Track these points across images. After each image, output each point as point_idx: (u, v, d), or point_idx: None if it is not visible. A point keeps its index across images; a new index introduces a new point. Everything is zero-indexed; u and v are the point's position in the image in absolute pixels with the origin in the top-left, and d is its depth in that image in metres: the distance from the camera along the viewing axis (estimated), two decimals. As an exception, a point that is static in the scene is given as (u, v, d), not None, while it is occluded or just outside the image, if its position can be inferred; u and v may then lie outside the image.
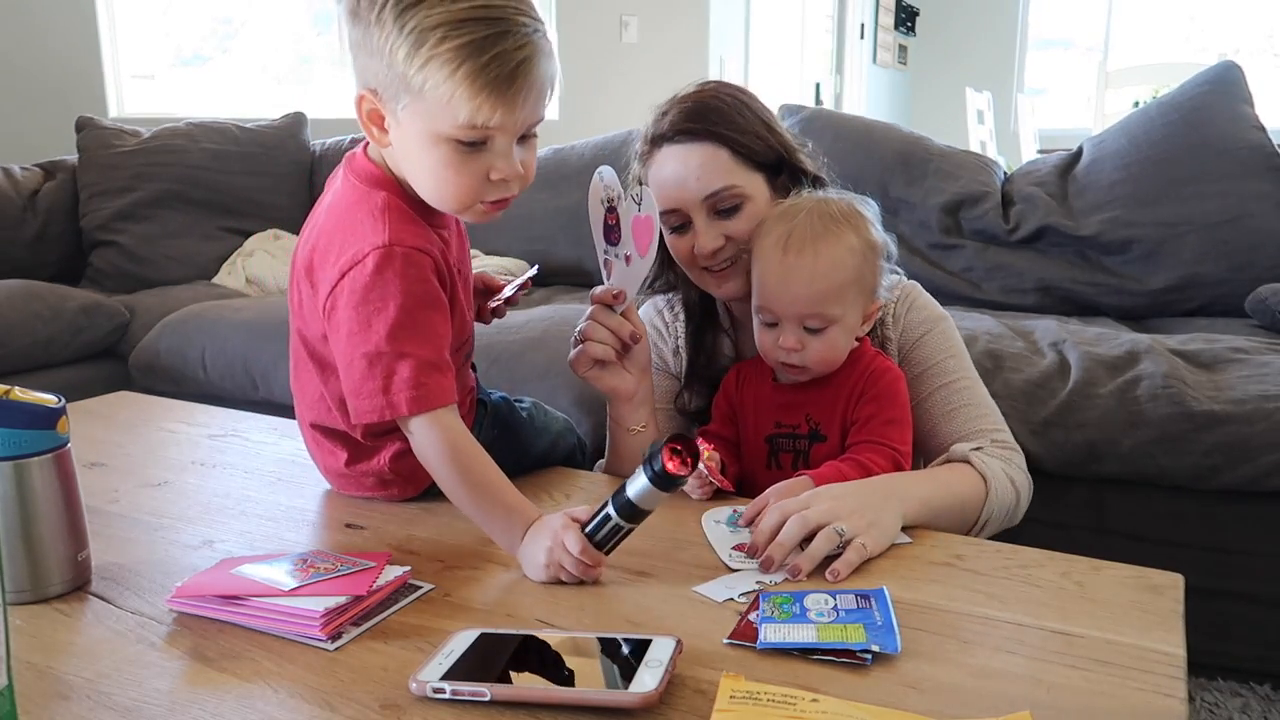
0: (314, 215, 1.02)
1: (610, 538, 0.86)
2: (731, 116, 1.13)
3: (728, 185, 1.11)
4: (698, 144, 1.12)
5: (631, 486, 0.85)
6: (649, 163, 1.16)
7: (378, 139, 0.93)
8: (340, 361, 0.94)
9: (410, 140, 0.90)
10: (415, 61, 0.84)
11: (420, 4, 0.83)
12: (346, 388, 0.93)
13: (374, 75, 0.88)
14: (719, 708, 0.64)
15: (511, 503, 0.90)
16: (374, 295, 0.90)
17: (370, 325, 0.90)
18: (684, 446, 0.84)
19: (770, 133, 1.15)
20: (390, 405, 0.90)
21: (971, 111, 5.03)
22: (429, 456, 0.92)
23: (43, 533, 0.82)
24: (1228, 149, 2.16)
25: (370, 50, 0.87)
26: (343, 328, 0.92)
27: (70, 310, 2.31)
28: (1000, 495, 1.07)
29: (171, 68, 4.21)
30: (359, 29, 0.87)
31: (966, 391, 1.16)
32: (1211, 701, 1.54)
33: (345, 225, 0.94)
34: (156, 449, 1.26)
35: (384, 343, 0.90)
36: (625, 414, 1.15)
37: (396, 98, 0.88)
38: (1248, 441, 1.50)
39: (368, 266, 0.90)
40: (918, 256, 2.33)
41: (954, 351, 1.18)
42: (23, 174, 2.85)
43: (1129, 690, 0.68)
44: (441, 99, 0.85)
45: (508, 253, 2.66)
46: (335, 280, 0.92)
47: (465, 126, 0.86)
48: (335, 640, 0.75)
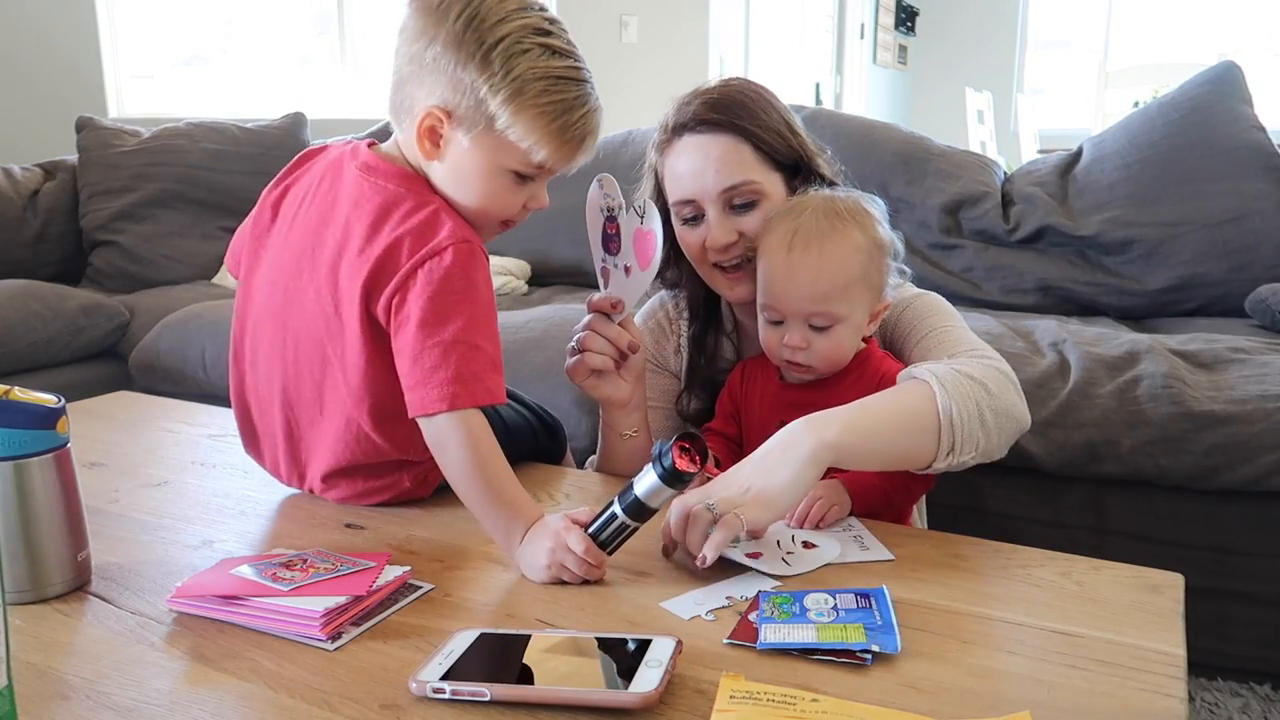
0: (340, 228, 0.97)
1: (615, 537, 0.87)
2: (756, 112, 1.13)
3: (746, 180, 1.11)
4: (720, 135, 1.11)
5: (639, 484, 0.85)
6: (667, 152, 1.15)
7: (428, 152, 0.94)
8: (408, 353, 0.91)
9: (470, 163, 0.94)
10: (510, 106, 0.90)
11: (525, 54, 0.90)
12: (412, 379, 0.91)
13: (450, 100, 0.91)
14: (719, 708, 0.64)
15: (519, 502, 0.90)
16: (456, 286, 0.91)
17: (448, 317, 0.90)
18: (692, 445, 0.85)
19: (792, 134, 1.15)
20: (465, 394, 0.89)
21: (971, 111, 5.03)
22: (450, 448, 0.91)
23: (43, 533, 0.82)
24: (1228, 149, 2.16)
25: (458, 79, 0.90)
26: (413, 319, 0.91)
27: (70, 310, 2.31)
28: (954, 391, 0.94)
29: (171, 68, 4.21)
30: (454, 55, 0.89)
31: (945, 333, 1.10)
32: (1211, 701, 1.54)
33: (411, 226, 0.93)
34: (156, 449, 1.26)
35: (461, 333, 0.90)
36: (619, 420, 1.15)
37: (472, 126, 0.91)
38: (1248, 441, 1.50)
39: (447, 259, 0.91)
40: (918, 256, 2.33)
41: (936, 309, 1.14)
42: (23, 174, 2.85)
43: (1129, 690, 0.68)
44: (523, 143, 0.92)
45: (507, 252, 2.66)
46: (409, 272, 0.91)
47: (533, 166, 0.94)
48: (335, 640, 0.75)
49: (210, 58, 4.39)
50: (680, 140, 1.13)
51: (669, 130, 1.15)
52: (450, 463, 0.91)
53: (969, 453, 0.95)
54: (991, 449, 0.97)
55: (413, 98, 0.93)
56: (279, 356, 1.02)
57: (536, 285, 2.66)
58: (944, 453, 0.94)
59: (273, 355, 1.03)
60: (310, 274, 0.98)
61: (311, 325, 0.98)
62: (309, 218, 1.01)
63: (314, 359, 1.00)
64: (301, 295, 0.99)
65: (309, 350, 1.00)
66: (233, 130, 2.95)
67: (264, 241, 1.05)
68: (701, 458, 0.85)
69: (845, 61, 6.52)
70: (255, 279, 1.05)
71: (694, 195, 1.12)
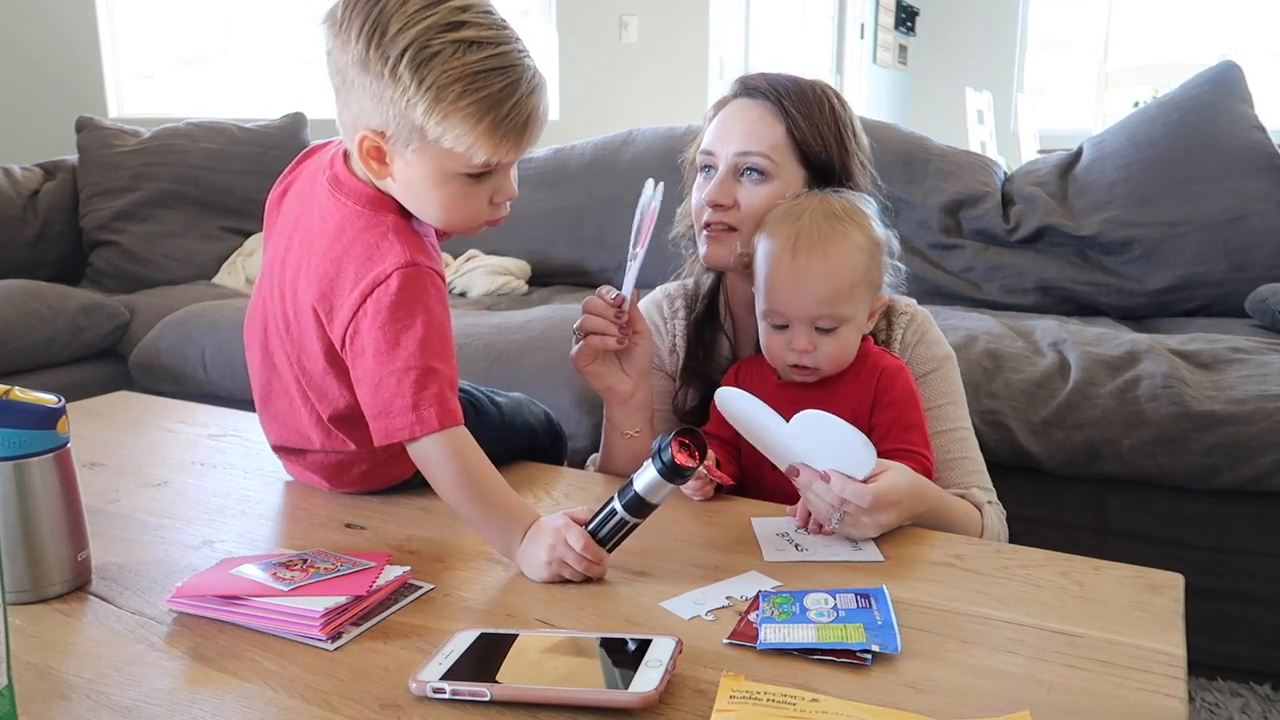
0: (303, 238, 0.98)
1: (614, 534, 0.87)
2: (808, 103, 1.14)
3: (763, 151, 1.12)
4: (762, 104, 1.14)
5: (639, 480, 0.85)
6: (717, 111, 1.18)
7: (376, 172, 0.92)
8: (366, 384, 0.92)
9: (418, 177, 0.91)
10: (434, 116, 0.85)
11: (435, 57, 0.84)
12: (373, 409, 0.91)
13: (380, 120, 0.88)
14: (719, 708, 0.64)
15: (512, 507, 0.91)
16: (401, 313, 0.90)
17: (399, 343, 0.90)
18: (692, 440, 0.85)
19: (838, 144, 1.15)
20: (420, 421, 0.89)
21: (971, 111, 5.03)
22: (438, 472, 0.91)
23: (43, 533, 0.82)
24: (1228, 149, 2.16)
25: (378, 98, 0.86)
26: (368, 349, 0.91)
27: (70, 310, 2.31)
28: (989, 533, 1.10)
29: (171, 68, 4.21)
30: (366, 77, 0.86)
31: (964, 443, 1.17)
32: (1211, 701, 1.54)
33: (357, 251, 0.93)
34: (156, 449, 1.26)
35: (413, 358, 0.89)
36: (621, 417, 1.15)
37: (407, 142, 0.88)
38: (1248, 441, 1.50)
39: (392, 286, 0.90)
40: (918, 256, 2.33)
41: (955, 397, 1.19)
42: (23, 174, 2.85)
43: (1129, 690, 0.68)
44: (459, 147, 0.87)
45: (507, 252, 2.66)
46: (357, 304, 0.91)
47: (479, 165, 0.90)
48: (335, 640, 0.75)
49: (210, 58, 4.39)
50: (727, 105, 1.17)
51: (722, 99, 1.19)
52: (437, 481, 0.92)
53: None
54: None
55: (349, 115, 0.91)
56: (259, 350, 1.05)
57: (536, 285, 2.66)
58: None
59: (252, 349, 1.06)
60: (279, 278, 0.99)
61: (289, 330, 1.00)
62: (288, 221, 1.02)
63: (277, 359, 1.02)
64: (284, 303, 1.00)
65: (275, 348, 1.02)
66: (233, 130, 2.95)
67: (267, 240, 1.07)
68: (700, 453, 0.85)
69: (845, 61, 6.51)
70: (260, 287, 1.06)
71: (713, 148, 1.15)
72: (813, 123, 1.13)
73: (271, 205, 1.07)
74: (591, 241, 2.60)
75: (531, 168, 2.75)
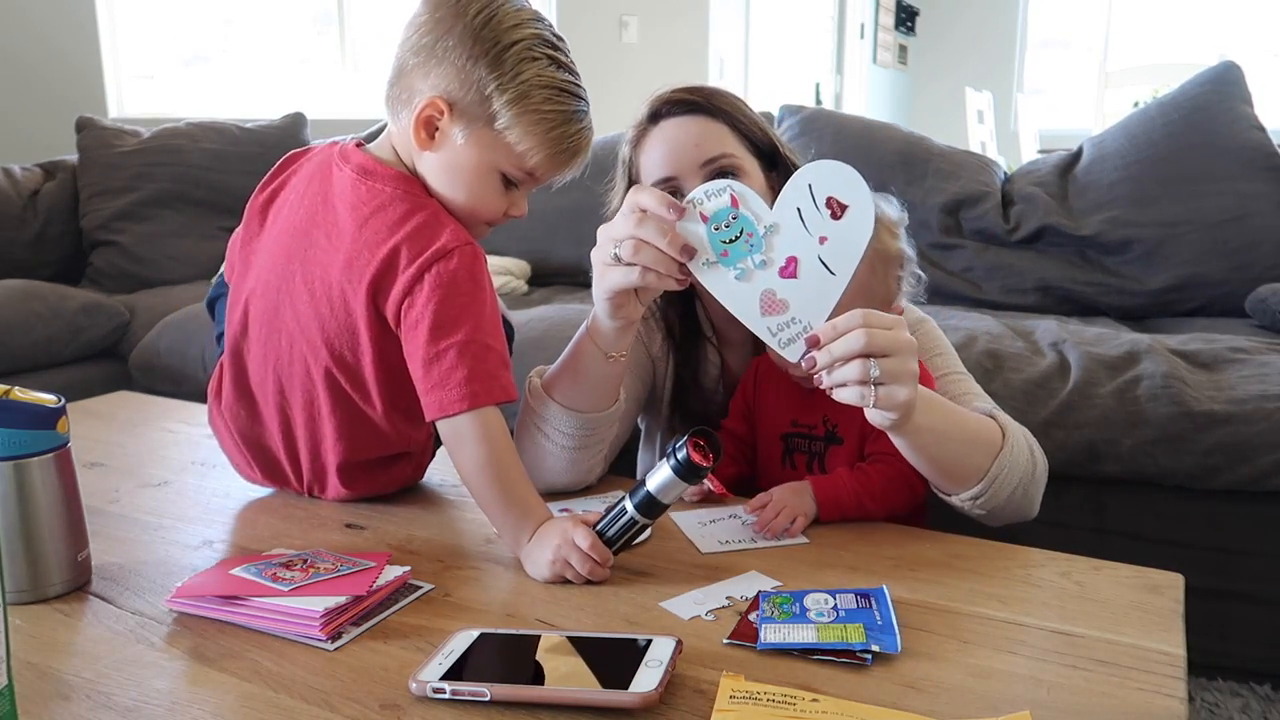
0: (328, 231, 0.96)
1: (622, 534, 0.87)
2: (732, 100, 1.15)
3: (725, 153, 1.10)
4: (698, 117, 1.12)
5: (652, 480, 0.86)
6: (642, 143, 1.14)
7: (422, 141, 0.94)
8: (420, 358, 0.91)
9: (463, 160, 0.94)
10: (513, 109, 0.91)
11: (535, 62, 0.91)
12: (428, 383, 0.91)
13: (455, 92, 0.92)
14: (719, 708, 0.64)
15: (529, 503, 0.91)
16: (464, 289, 0.92)
17: (459, 319, 0.91)
18: (706, 441, 0.85)
19: (761, 127, 1.16)
20: (483, 393, 0.90)
21: (971, 111, 5.03)
22: (467, 445, 0.91)
23: (43, 533, 0.82)
24: (1228, 149, 2.16)
25: (466, 73, 0.90)
26: (424, 322, 0.91)
27: (70, 310, 2.31)
28: (1016, 453, 0.99)
29: (171, 68, 4.21)
30: (468, 49, 0.90)
31: (962, 383, 1.13)
32: (1211, 701, 1.54)
33: (410, 228, 0.93)
34: (156, 449, 1.26)
35: (473, 333, 0.91)
36: (614, 340, 1.01)
37: (471, 122, 0.92)
38: (1248, 441, 1.50)
39: (454, 261, 0.92)
40: (918, 256, 2.33)
41: (943, 349, 1.16)
42: (23, 174, 2.85)
43: (1129, 690, 0.68)
44: (519, 145, 0.93)
45: (507, 252, 2.66)
46: (415, 276, 0.91)
47: (524, 171, 0.96)
48: (335, 640, 0.75)
49: (210, 58, 4.39)
50: (656, 127, 1.13)
51: (644, 121, 1.15)
52: (465, 458, 0.91)
53: (987, 505, 0.99)
54: (1000, 513, 1.01)
55: (414, 88, 0.93)
56: (272, 360, 1.01)
57: (536, 285, 2.66)
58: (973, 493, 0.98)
59: (266, 359, 1.01)
60: (304, 276, 0.97)
61: (306, 327, 0.97)
62: (297, 220, 1.00)
63: (309, 359, 0.98)
64: (294, 298, 0.98)
65: (303, 351, 0.98)
66: (233, 130, 2.95)
67: (253, 247, 1.04)
68: (715, 454, 0.85)
69: (845, 61, 6.52)
70: (245, 284, 1.04)
71: (673, 172, 1.10)
72: (741, 113, 1.14)
73: (255, 212, 1.05)
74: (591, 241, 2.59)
75: (531, 168, 2.75)
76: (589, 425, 1.04)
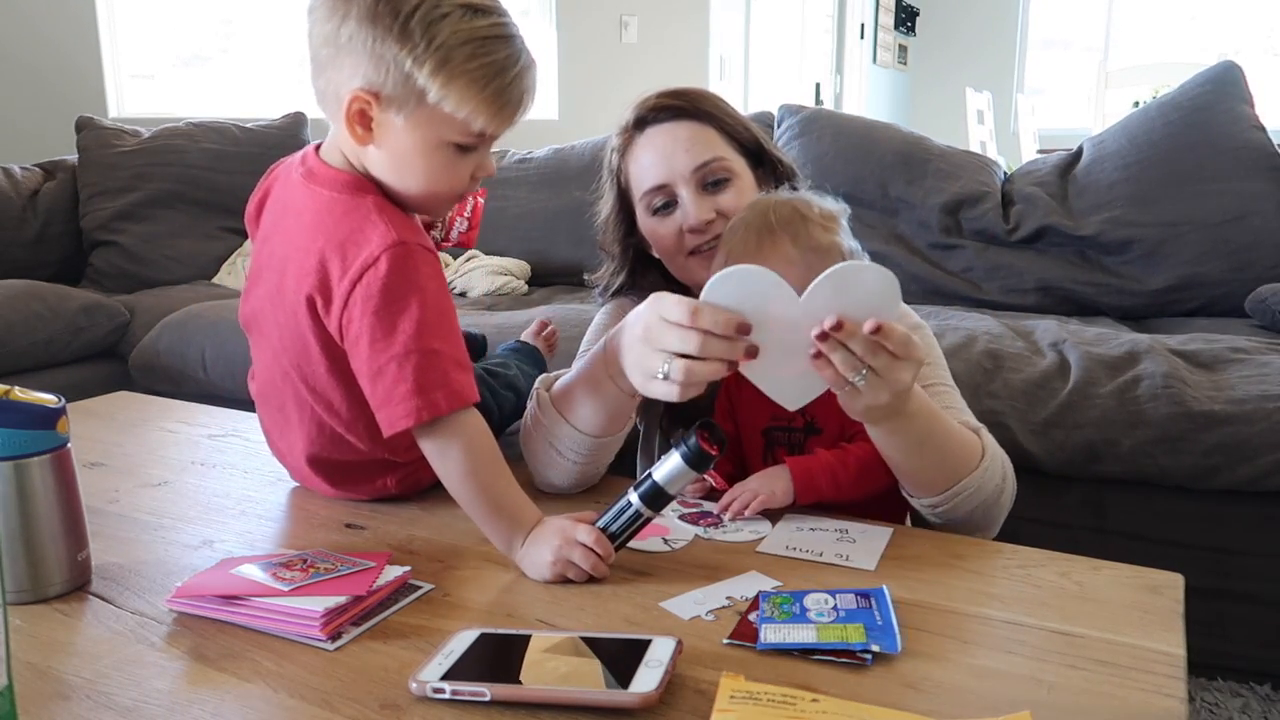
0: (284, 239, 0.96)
1: (626, 528, 0.87)
2: (716, 102, 1.15)
3: (717, 157, 1.11)
4: (685, 121, 1.12)
5: (659, 471, 0.86)
6: (630, 149, 1.14)
7: (360, 137, 0.89)
8: (365, 373, 0.90)
9: (406, 144, 0.89)
10: (439, 79, 0.85)
11: (445, 19, 0.84)
12: (376, 399, 0.90)
13: (375, 79, 0.86)
14: (719, 708, 0.64)
15: (519, 508, 0.90)
16: (395, 295, 0.87)
17: (395, 327, 0.87)
18: (710, 433, 0.85)
19: (745, 126, 1.16)
20: (428, 405, 0.87)
21: (971, 111, 5.03)
22: (446, 462, 0.90)
23: (43, 533, 0.82)
24: (1228, 149, 2.16)
25: (379, 56, 0.84)
26: (364, 337, 0.88)
27: (70, 310, 2.31)
28: (988, 475, 0.99)
29: (171, 68, 4.21)
30: (369, 33, 0.84)
31: (947, 395, 1.13)
32: (1211, 701, 1.54)
33: (340, 236, 0.90)
34: (156, 449, 1.26)
35: (412, 341, 0.87)
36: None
37: (402, 106, 0.86)
38: (1248, 441, 1.50)
39: (381, 268, 0.87)
40: (918, 256, 2.33)
41: (932, 360, 1.14)
42: (23, 174, 2.85)
43: (1129, 690, 0.68)
44: (459, 113, 0.87)
45: (507, 253, 2.66)
46: (348, 291, 0.89)
47: (473, 135, 0.89)
48: (335, 640, 0.75)
49: (210, 58, 4.39)
50: (643, 134, 1.13)
51: (630, 127, 1.14)
52: (446, 471, 0.90)
53: (944, 516, 0.99)
54: (957, 526, 1.01)
55: (334, 82, 0.88)
56: (263, 366, 1.03)
57: (536, 285, 2.66)
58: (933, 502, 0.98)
59: (259, 364, 1.04)
60: (273, 284, 0.97)
61: (277, 335, 0.98)
62: (267, 227, 1.00)
63: (284, 364, 0.99)
64: (271, 305, 0.98)
65: (279, 357, 0.99)
66: (233, 130, 2.95)
67: (257, 255, 1.05)
68: (720, 446, 0.85)
69: (845, 61, 6.52)
70: (250, 296, 1.04)
71: (665, 180, 1.11)
72: (726, 114, 1.14)
73: (250, 219, 1.05)
74: (591, 241, 2.58)
75: (531, 168, 2.75)
76: (603, 446, 1.05)
